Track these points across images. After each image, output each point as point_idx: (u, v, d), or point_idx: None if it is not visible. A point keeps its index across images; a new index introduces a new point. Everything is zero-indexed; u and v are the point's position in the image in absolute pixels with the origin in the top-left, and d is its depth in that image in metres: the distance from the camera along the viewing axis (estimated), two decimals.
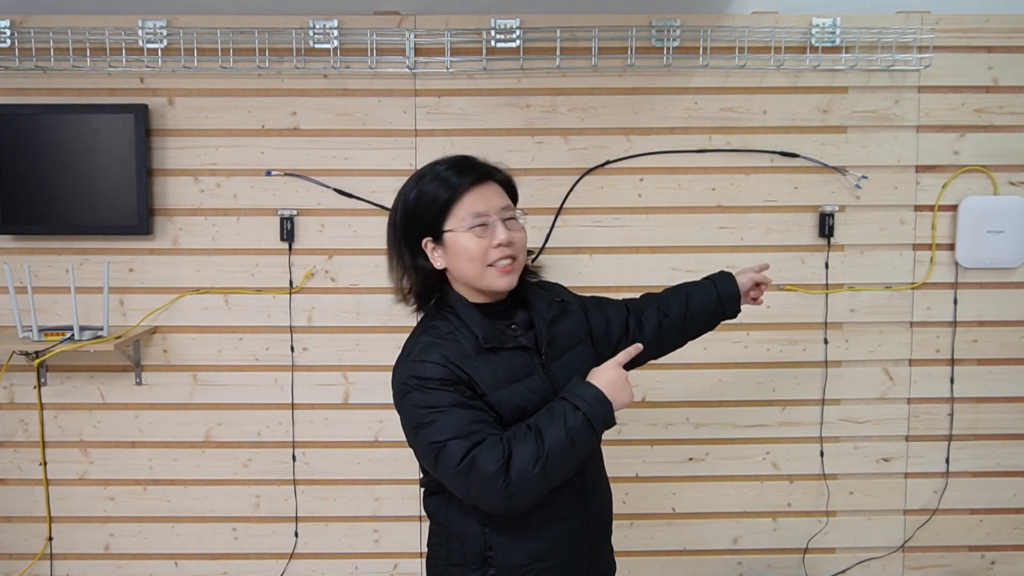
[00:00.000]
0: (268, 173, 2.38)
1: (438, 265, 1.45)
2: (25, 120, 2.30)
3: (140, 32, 2.30)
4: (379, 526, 2.47)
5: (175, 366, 2.43)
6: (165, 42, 2.30)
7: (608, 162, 2.39)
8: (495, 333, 1.43)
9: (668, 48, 2.32)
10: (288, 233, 2.38)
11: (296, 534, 2.47)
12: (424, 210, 1.43)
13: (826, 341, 2.44)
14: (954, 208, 2.40)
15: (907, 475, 2.48)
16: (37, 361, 2.31)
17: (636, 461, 2.47)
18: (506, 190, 1.48)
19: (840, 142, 2.39)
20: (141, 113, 2.31)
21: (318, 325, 2.41)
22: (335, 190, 2.38)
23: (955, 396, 2.45)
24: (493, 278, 1.42)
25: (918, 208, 2.41)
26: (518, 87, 2.37)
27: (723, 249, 2.41)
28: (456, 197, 1.41)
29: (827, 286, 2.42)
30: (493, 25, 2.31)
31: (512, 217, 1.45)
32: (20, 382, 2.43)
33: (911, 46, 2.33)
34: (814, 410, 2.46)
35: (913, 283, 2.43)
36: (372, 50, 2.31)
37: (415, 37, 2.32)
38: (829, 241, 2.41)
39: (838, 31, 2.32)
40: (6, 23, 2.29)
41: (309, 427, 2.44)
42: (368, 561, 2.48)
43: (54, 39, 2.30)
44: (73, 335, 2.24)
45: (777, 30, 2.32)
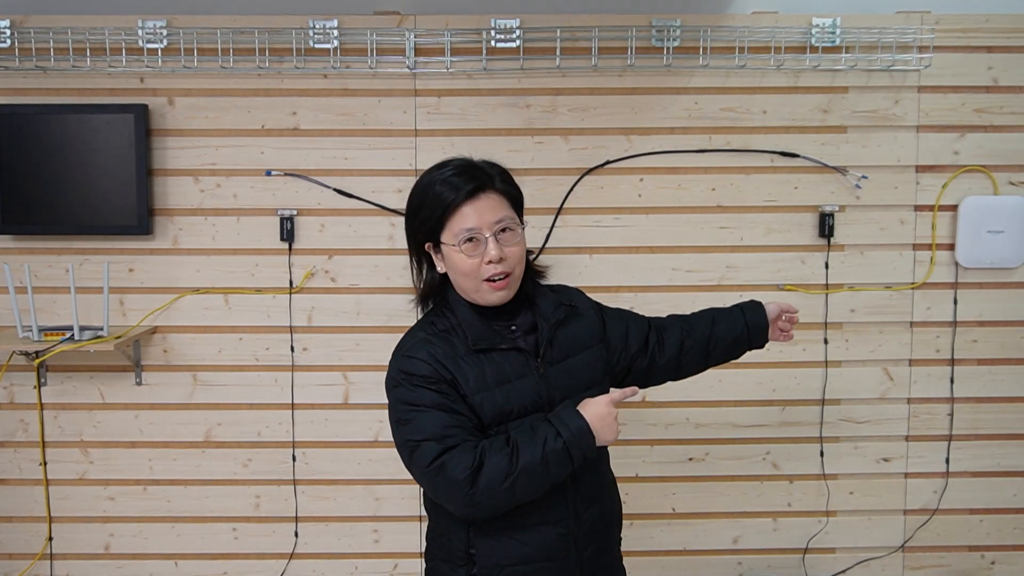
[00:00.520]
0: (268, 173, 2.38)
1: (440, 269, 1.47)
2: (25, 120, 2.30)
3: (140, 32, 2.30)
4: (379, 526, 2.47)
5: (175, 366, 2.43)
6: (165, 42, 2.30)
7: (608, 162, 2.39)
8: (487, 334, 1.43)
9: (668, 48, 2.32)
10: (288, 233, 2.38)
11: (296, 534, 2.47)
12: (424, 219, 1.44)
13: (826, 341, 2.44)
14: (954, 208, 2.40)
15: (907, 475, 2.48)
16: (37, 361, 2.31)
17: (636, 461, 2.47)
18: (508, 198, 1.46)
19: (840, 142, 2.39)
20: (141, 113, 2.31)
21: (318, 325, 2.42)
22: (335, 190, 2.38)
23: (955, 396, 2.45)
24: (486, 293, 1.42)
25: (918, 208, 2.41)
26: (518, 87, 2.37)
27: (723, 249, 2.41)
28: (449, 211, 1.40)
29: (827, 286, 2.42)
30: (493, 25, 2.31)
31: (506, 229, 1.42)
32: (20, 382, 2.43)
33: (911, 46, 2.33)
34: (814, 410, 2.46)
35: (913, 283, 2.43)
36: (372, 50, 2.31)
37: (415, 37, 2.32)
38: (829, 241, 2.41)
39: (838, 31, 2.32)
40: (6, 23, 2.29)
41: (309, 427, 2.44)
42: (368, 561, 2.48)
43: (54, 39, 2.30)
44: (73, 335, 2.24)
45: (777, 30, 2.32)
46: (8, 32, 2.29)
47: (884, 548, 2.50)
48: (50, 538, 2.46)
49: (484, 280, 1.41)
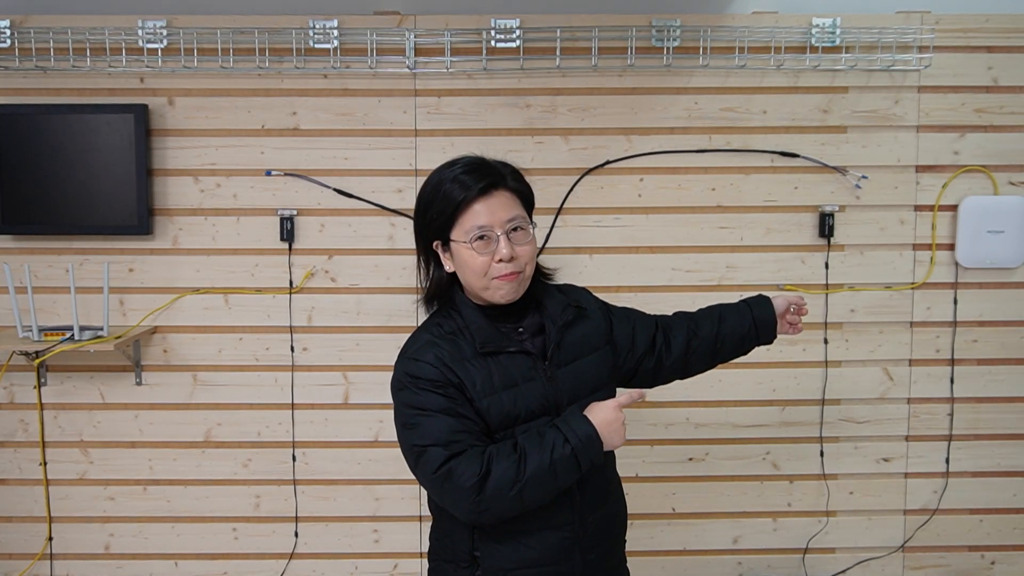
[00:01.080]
0: (268, 173, 2.38)
1: (448, 268, 1.46)
2: (25, 120, 2.30)
3: (140, 32, 2.30)
4: (379, 526, 2.47)
5: (175, 366, 2.43)
6: (165, 42, 2.30)
7: (608, 162, 2.39)
8: (494, 337, 1.43)
9: (668, 48, 2.32)
10: (288, 233, 2.38)
11: (296, 534, 2.47)
12: (434, 216, 1.43)
13: (826, 341, 2.44)
14: (954, 208, 2.40)
15: (907, 475, 2.48)
16: (37, 361, 2.31)
17: (636, 461, 2.47)
18: (520, 197, 1.45)
19: (840, 142, 2.39)
20: (141, 113, 2.31)
21: (318, 325, 2.41)
22: (335, 190, 2.38)
23: (955, 396, 2.45)
24: (495, 291, 1.41)
25: (918, 208, 2.41)
26: (518, 87, 2.37)
27: (723, 249, 2.41)
28: (461, 208, 1.39)
29: (827, 286, 2.42)
30: (493, 25, 2.31)
31: (517, 228, 1.41)
32: (20, 382, 2.43)
33: (911, 46, 2.33)
34: (814, 410, 2.46)
35: (913, 283, 2.43)
36: (372, 50, 2.31)
37: (415, 37, 2.32)
38: (829, 241, 2.41)
39: (838, 31, 2.32)
40: (6, 23, 2.29)
41: (309, 427, 2.44)
42: (368, 561, 2.48)
43: (54, 39, 2.30)
44: (73, 335, 2.24)
45: (777, 30, 2.32)
46: (8, 32, 2.29)
47: (884, 548, 2.50)
48: (50, 538, 2.46)
49: (494, 278, 1.40)
